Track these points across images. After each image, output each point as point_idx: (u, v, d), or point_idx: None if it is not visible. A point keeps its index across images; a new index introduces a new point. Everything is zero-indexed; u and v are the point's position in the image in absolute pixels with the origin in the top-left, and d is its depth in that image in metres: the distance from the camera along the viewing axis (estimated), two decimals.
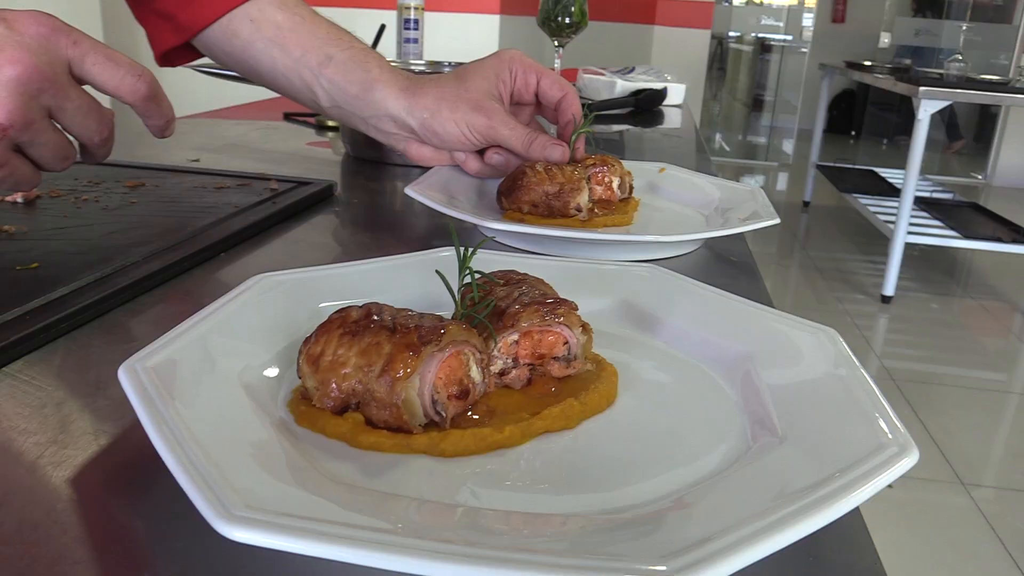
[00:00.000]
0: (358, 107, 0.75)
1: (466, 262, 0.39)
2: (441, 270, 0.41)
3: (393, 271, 0.50)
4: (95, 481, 0.34)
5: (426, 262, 0.52)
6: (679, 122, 1.73)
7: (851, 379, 0.37)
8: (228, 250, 0.64)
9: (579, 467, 0.34)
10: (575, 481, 0.33)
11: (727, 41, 7.00)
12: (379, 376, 0.34)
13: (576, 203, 0.71)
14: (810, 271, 4.11)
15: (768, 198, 0.79)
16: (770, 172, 6.57)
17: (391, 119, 0.76)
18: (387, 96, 0.74)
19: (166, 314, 0.53)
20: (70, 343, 0.47)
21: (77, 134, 0.53)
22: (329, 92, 0.75)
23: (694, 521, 0.29)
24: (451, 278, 0.42)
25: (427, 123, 0.75)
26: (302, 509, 0.27)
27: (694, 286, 0.49)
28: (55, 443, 0.37)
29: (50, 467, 0.35)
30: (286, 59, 0.74)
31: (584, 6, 1.69)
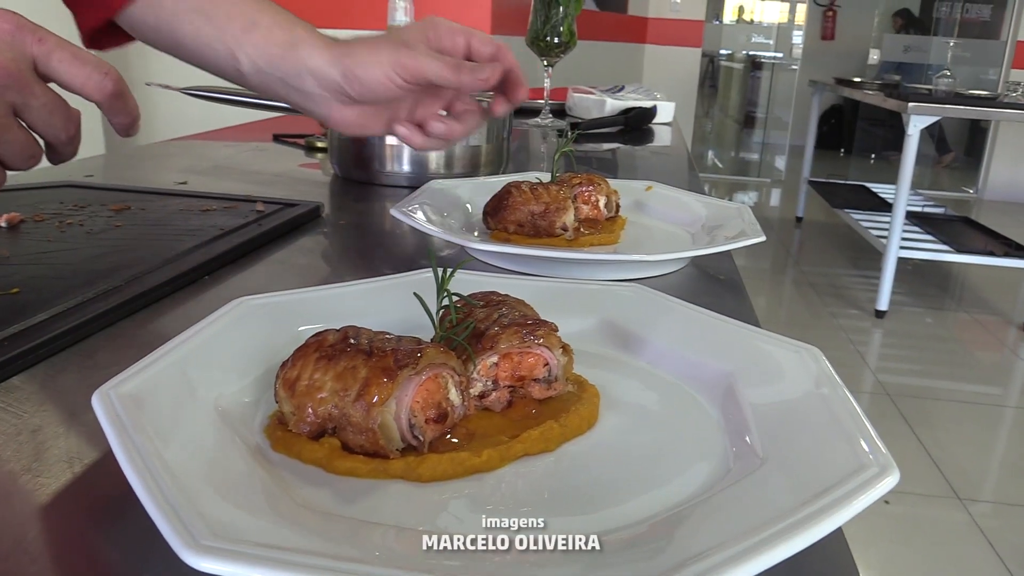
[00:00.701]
0: (280, 67, 0.72)
1: (444, 284, 0.39)
2: (421, 292, 0.40)
3: (374, 293, 0.50)
4: (68, 510, 0.34)
5: (407, 284, 0.51)
6: (669, 140, 1.74)
7: (833, 398, 0.37)
8: (212, 273, 0.64)
9: (558, 490, 0.33)
10: (554, 505, 0.32)
11: (718, 59, 7.05)
12: (355, 401, 0.34)
13: (562, 222, 0.71)
14: (804, 287, 4.12)
15: (761, 214, 0.79)
16: (763, 188, 6.59)
17: (312, 75, 0.72)
18: (312, 52, 0.71)
19: (147, 339, 0.53)
20: (48, 368, 0.46)
21: (43, 133, 0.52)
22: (251, 57, 0.72)
23: (674, 544, 0.29)
24: (431, 300, 0.42)
25: (350, 70, 0.70)
26: (272, 538, 0.26)
27: (678, 305, 0.49)
28: (29, 471, 0.36)
29: (23, 495, 0.34)
30: (209, 27, 0.72)
31: (573, 26, 1.70)
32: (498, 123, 1.08)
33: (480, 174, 1.05)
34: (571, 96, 1.93)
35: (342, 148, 1.05)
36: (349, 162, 1.05)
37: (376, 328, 0.39)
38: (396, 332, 0.39)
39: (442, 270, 0.39)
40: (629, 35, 5.60)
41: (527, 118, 1.87)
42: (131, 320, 0.54)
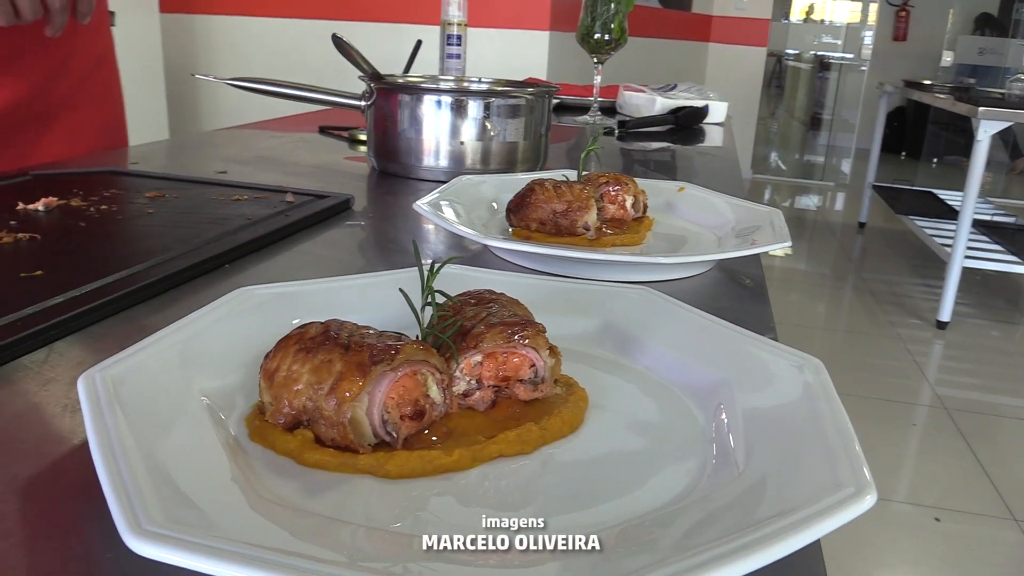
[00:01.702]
0: None
1: (429, 282, 0.38)
2: (420, 288, 0.40)
3: (378, 287, 0.50)
4: (47, 488, 0.34)
5: (411, 279, 0.51)
6: (720, 140, 1.70)
7: (825, 413, 0.36)
8: (232, 261, 0.65)
9: (525, 494, 0.33)
10: (518, 509, 0.32)
11: (785, 59, 6.90)
12: (327, 394, 0.34)
13: (584, 221, 0.71)
14: (864, 294, 4.01)
15: (823, 218, 0.78)
16: (826, 192, 6.43)
17: None
18: None
19: (159, 325, 0.53)
20: (56, 350, 0.48)
21: None
22: None
23: (629, 556, 0.28)
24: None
25: None
26: (219, 528, 0.26)
27: (683, 310, 0.48)
28: (17, 450, 0.37)
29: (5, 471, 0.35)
30: None
31: (624, 23, 1.68)
32: (536, 119, 1.07)
33: (516, 170, 1.05)
34: (621, 94, 1.91)
35: (379, 141, 1.06)
36: (386, 155, 1.06)
37: (377, 323, 0.39)
38: (395, 328, 0.39)
39: (432, 264, 0.39)
40: (692, 33, 5.52)
41: (575, 115, 1.86)
42: (147, 305, 0.55)
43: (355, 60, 1.01)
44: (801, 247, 5.07)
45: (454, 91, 1.04)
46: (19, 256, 0.60)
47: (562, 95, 2.07)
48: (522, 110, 1.05)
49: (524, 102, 1.05)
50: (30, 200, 0.73)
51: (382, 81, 1.03)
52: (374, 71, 1.03)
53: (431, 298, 0.38)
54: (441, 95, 1.02)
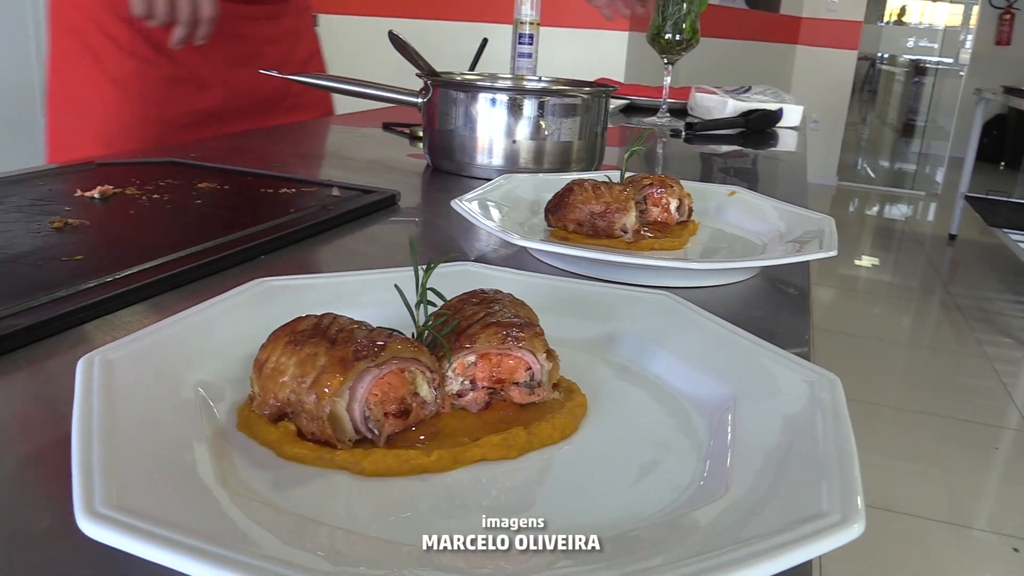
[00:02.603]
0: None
1: (425, 279, 0.38)
2: (449, 283, 0.40)
3: (390, 283, 0.50)
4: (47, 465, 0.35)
5: (436, 274, 0.51)
6: (794, 145, 1.65)
7: (830, 434, 0.34)
8: (269, 253, 0.66)
9: (499, 502, 0.32)
10: (487, 514, 0.31)
11: (878, 62, 6.66)
12: (309, 388, 0.33)
13: (622, 224, 0.69)
14: (951, 310, 3.83)
15: (911, 229, 0.74)
16: (916, 202, 6.17)
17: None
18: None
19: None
20: (81, 334, 0.49)
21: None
22: None
23: (595, 571, 0.27)
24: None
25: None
26: (174, 517, 0.26)
27: (701, 318, 0.46)
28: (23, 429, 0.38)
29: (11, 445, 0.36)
30: None
31: (696, 23, 1.64)
32: (591, 119, 1.06)
33: (571, 171, 1.04)
34: (693, 95, 1.87)
35: (433, 138, 1.06)
36: (440, 152, 1.06)
37: (388, 319, 0.38)
38: (405, 325, 0.39)
39: (429, 262, 0.38)
40: (780, 35, 5.37)
41: (644, 116, 1.83)
42: (177, 292, 0.57)
43: (411, 57, 1.01)
44: (888, 258, 4.89)
45: (508, 89, 1.04)
46: (65, 241, 0.62)
47: (634, 95, 2.04)
48: (577, 109, 1.04)
49: (580, 101, 1.04)
50: (88, 188, 0.76)
51: (437, 78, 1.03)
52: (430, 68, 1.04)
53: (426, 296, 0.38)
54: (495, 93, 1.01)
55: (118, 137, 1.15)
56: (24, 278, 0.54)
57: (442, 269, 0.52)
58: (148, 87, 1.16)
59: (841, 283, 4.38)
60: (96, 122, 1.16)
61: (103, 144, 1.15)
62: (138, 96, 1.15)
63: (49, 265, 0.57)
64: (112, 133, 1.15)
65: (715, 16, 4.38)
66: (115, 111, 1.15)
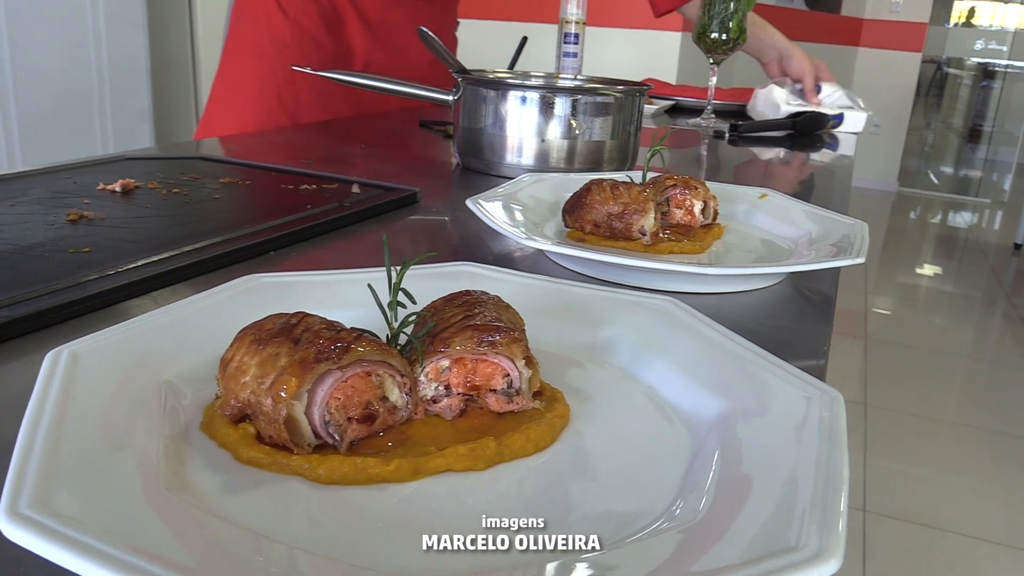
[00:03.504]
0: None
1: (399, 279, 0.36)
2: (453, 283, 0.38)
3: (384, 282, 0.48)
4: None
5: (426, 275, 0.50)
6: (844, 149, 1.59)
7: (821, 456, 0.31)
8: (279, 249, 0.65)
9: (454, 518, 0.30)
10: (441, 531, 0.29)
11: (944, 65, 6.44)
12: (268, 390, 0.32)
13: (640, 226, 0.67)
14: (1014, 321, 3.68)
15: (975, 238, 0.71)
16: (981, 210, 5.95)
17: None
18: None
19: None
20: (78, 325, 0.49)
21: None
22: None
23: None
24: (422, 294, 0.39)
25: None
26: (102, 524, 0.25)
27: (704, 327, 0.44)
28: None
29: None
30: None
31: (743, 22, 1.60)
32: (624, 118, 1.03)
33: (603, 170, 1.01)
34: (755, 95, 1.78)
35: (463, 136, 1.05)
36: (469, 151, 1.05)
37: (380, 319, 0.37)
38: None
39: (404, 262, 0.37)
40: (840, 37, 5.24)
41: (688, 117, 1.79)
42: (180, 287, 0.56)
43: (440, 54, 1.00)
44: (950, 267, 4.73)
45: (538, 87, 1.02)
46: (77, 233, 0.62)
47: (680, 96, 2.00)
48: (610, 108, 1.02)
49: (612, 100, 1.02)
50: (111, 181, 0.76)
51: (467, 75, 1.02)
52: (460, 65, 1.02)
53: (397, 297, 0.36)
54: (525, 91, 0.99)
55: (269, 107, 1.27)
56: (27, 269, 0.54)
57: (439, 269, 0.51)
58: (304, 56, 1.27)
59: (900, 292, 4.25)
60: (242, 91, 1.28)
61: (254, 116, 1.26)
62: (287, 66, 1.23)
63: (55, 257, 0.57)
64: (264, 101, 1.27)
65: (772, 17, 4.26)
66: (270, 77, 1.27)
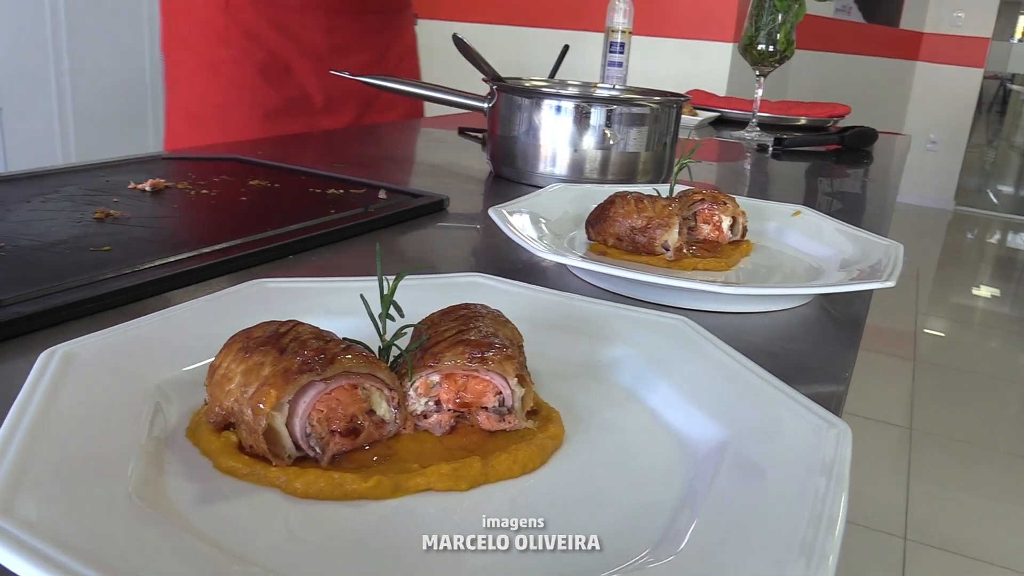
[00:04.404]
0: None
1: (392, 291, 0.35)
2: (468, 295, 0.38)
3: (404, 291, 0.48)
4: None
5: (433, 285, 0.49)
6: (892, 165, 1.55)
7: (819, 492, 0.29)
8: (297, 253, 0.65)
9: (428, 539, 0.29)
10: (408, 558, 0.28)
11: (1007, 82, 6.26)
12: (249, 400, 0.32)
13: (663, 240, 0.65)
14: None
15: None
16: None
17: None
18: None
19: None
20: (85, 325, 0.49)
21: None
22: None
23: None
24: (419, 305, 0.39)
25: None
26: (55, 530, 0.25)
27: (714, 348, 0.42)
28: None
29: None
30: None
31: (792, 34, 1.57)
32: (660, 129, 1.02)
33: (637, 183, 1.00)
34: None
35: (495, 144, 1.04)
36: (502, 159, 1.04)
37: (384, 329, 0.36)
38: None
39: (398, 273, 0.36)
40: (899, 51, 5.12)
41: (733, 130, 1.76)
42: (192, 289, 0.56)
43: (475, 60, 1.00)
44: (1008, 289, 4.59)
45: (572, 96, 1.01)
46: (102, 231, 0.63)
47: (726, 108, 1.98)
48: (645, 119, 1.00)
49: (648, 111, 1.00)
50: (142, 180, 0.77)
51: (500, 83, 1.01)
52: (494, 72, 1.02)
53: (388, 309, 0.35)
54: (559, 99, 0.98)
55: (212, 124, 1.18)
56: (46, 266, 0.55)
57: (447, 279, 0.50)
58: (240, 73, 1.18)
59: (953, 314, 4.13)
60: (191, 108, 1.21)
61: (200, 132, 1.19)
62: (228, 83, 1.18)
63: (75, 254, 0.57)
64: (206, 119, 1.19)
65: (828, 29, 4.20)
66: (208, 98, 1.19)
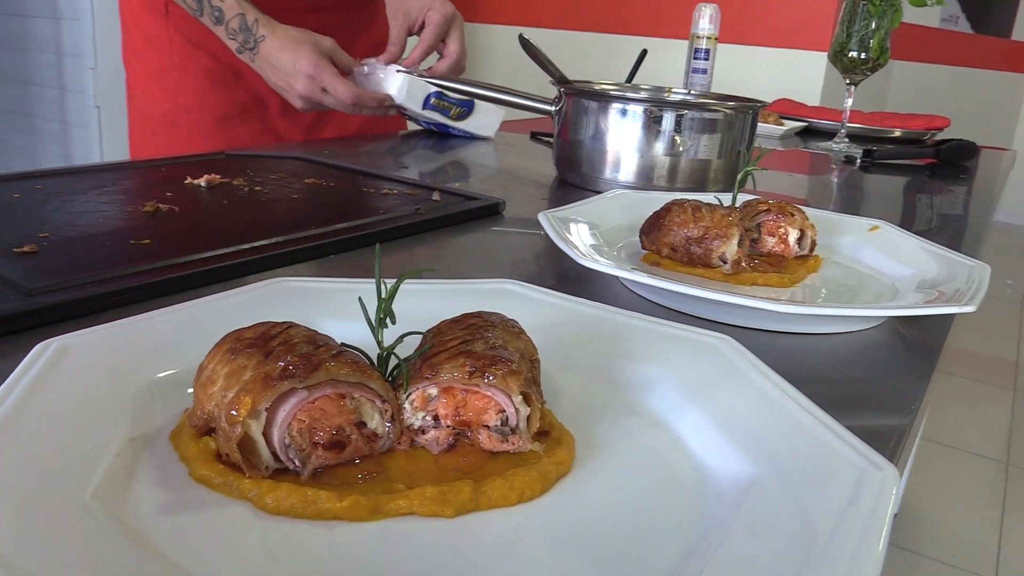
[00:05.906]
0: None
1: (390, 297, 0.33)
2: (499, 304, 0.35)
3: (407, 296, 0.45)
4: None
5: (462, 291, 0.46)
6: (994, 182, 1.44)
7: (853, 541, 0.25)
8: (339, 253, 0.64)
9: (405, 571, 0.26)
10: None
11: None
12: (226, 405, 0.30)
13: (720, 252, 0.61)
14: None
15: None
16: None
17: None
18: None
19: None
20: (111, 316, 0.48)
21: None
22: None
23: None
24: (420, 311, 0.36)
25: None
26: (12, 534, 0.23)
27: (756, 374, 0.38)
28: None
29: None
30: None
31: (885, 41, 1.48)
32: (733, 136, 0.96)
33: (707, 191, 0.95)
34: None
35: (561, 148, 1.01)
36: (566, 164, 1.01)
37: (394, 333, 0.34)
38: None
39: (398, 277, 0.33)
40: (1009, 63, 4.84)
41: (821, 140, 1.68)
42: (235, 283, 0.55)
43: (542, 62, 0.97)
44: None
45: (641, 100, 0.97)
46: (146, 224, 0.63)
47: (815, 118, 1.89)
48: (718, 125, 0.95)
49: (721, 117, 0.95)
50: (198, 176, 0.77)
51: (567, 85, 0.98)
52: (561, 75, 0.99)
53: (383, 316, 0.33)
54: (627, 103, 0.95)
55: (163, 132, 1.13)
56: (83, 257, 0.55)
57: (477, 285, 0.47)
58: (187, 80, 1.13)
59: None
60: (144, 118, 1.16)
61: (153, 140, 1.14)
62: (176, 90, 1.13)
63: (114, 247, 0.57)
64: (157, 128, 1.14)
65: (933, 39, 4.00)
66: (156, 106, 1.14)
